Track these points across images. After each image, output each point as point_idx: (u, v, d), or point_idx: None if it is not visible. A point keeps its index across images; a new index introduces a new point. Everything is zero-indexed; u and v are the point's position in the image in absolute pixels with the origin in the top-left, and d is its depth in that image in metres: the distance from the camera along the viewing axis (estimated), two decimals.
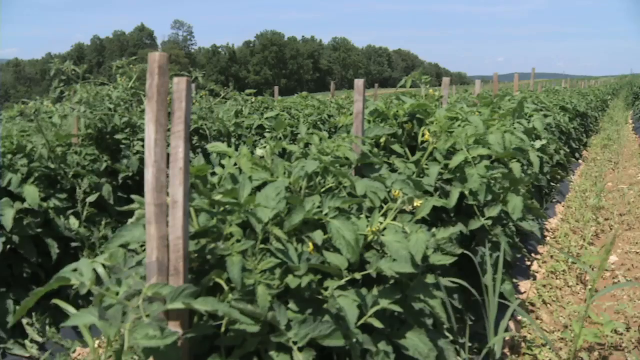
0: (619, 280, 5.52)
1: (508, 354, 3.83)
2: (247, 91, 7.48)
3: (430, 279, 2.30)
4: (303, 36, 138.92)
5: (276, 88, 9.29)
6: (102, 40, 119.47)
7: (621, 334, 4.28)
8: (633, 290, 5.24)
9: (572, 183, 9.70)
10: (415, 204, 2.37)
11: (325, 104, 8.77)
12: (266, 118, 6.93)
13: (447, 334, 2.82)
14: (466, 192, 3.15)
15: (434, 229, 2.46)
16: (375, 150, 3.23)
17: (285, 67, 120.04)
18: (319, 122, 7.54)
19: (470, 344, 3.43)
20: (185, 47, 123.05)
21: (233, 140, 6.42)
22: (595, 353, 4.00)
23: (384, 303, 2.10)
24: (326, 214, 2.18)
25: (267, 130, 6.63)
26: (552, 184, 8.07)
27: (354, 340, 1.97)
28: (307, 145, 3.23)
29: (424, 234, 2.25)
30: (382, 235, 2.24)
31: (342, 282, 2.05)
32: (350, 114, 3.75)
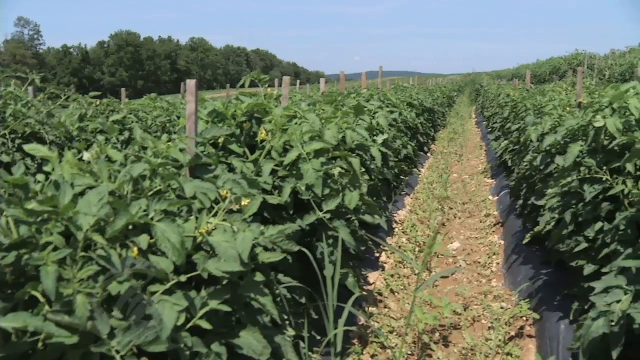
0: (460, 265, 5.89)
1: (357, 343, 3.96)
2: (91, 94, 7.18)
3: (259, 276, 2.32)
4: (160, 36, 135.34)
5: (123, 90, 8.99)
6: None
7: (460, 314, 4.57)
8: (472, 273, 5.61)
9: (420, 175, 10.21)
10: (243, 203, 2.38)
11: (175, 106, 8.61)
12: (112, 121, 6.69)
13: (289, 329, 2.86)
14: (302, 188, 3.21)
15: (262, 227, 2.48)
16: (213, 150, 3.21)
17: (142, 68, 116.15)
18: (167, 124, 7.40)
19: (319, 338, 3.50)
20: (33, 46, 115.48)
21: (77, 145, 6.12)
22: (437, 334, 4.24)
23: (214, 304, 2.09)
24: (152, 218, 2.13)
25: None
26: (401, 177, 8.43)
27: (182, 344, 1.95)
28: (144, 148, 3.15)
29: (251, 232, 2.27)
30: (210, 236, 2.22)
31: (168, 285, 2.01)
32: None
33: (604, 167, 3.61)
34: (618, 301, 2.47)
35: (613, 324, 2.43)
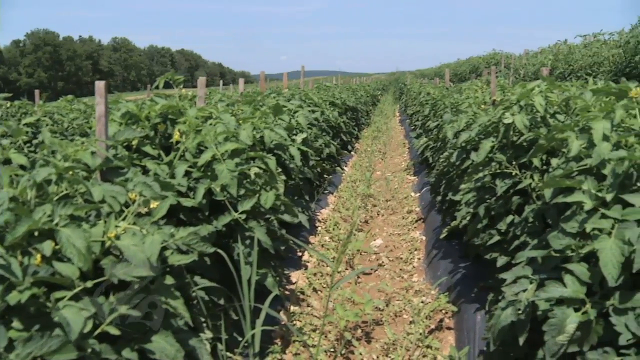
0: (383, 262, 5.97)
1: (279, 343, 3.96)
2: (1, 95, 6.89)
3: (169, 279, 2.28)
4: (80, 36, 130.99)
5: (37, 91, 8.67)
6: None
7: (382, 310, 4.63)
8: (394, 269, 5.70)
9: (344, 174, 10.29)
10: (152, 206, 2.34)
11: (94, 108, 8.36)
12: (25, 124, 6.45)
13: (207, 332, 2.83)
14: (217, 189, 3.18)
15: (173, 229, 2.44)
16: (126, 153, 3.14)
17: (62, 69, 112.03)
18: (86, 127, 7.18)
19: (240, 339, 3.48)
20: None
21: None
22: (359, 331, 4.29)
23: (123, 309, 2.04)
24: (57, 223, 2.06)
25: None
26: (324, 176, 8.48)
27: (90, 350, 1.89)
28: (54, 152, 3.05)
29: (160, 234, 2.23)
30: (119, 240, 2.17)
31: (74, 292, 1.95)
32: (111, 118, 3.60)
33: (514, 162, 3.74)
34: (524, 290, 2.56)
35: (520, 312, 2.52)
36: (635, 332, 1.97)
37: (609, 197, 2.41)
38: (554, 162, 3.24)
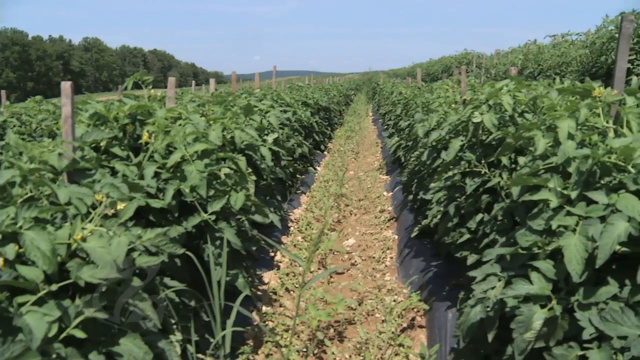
0: (355, 261, 5.98)
1: (251, 343, 3.95)
2: None
3: (137, 281, 2.26)
4: (50, 36, 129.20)
5: (3, 92, 8.53)
6: None
7: (354, 309, 4.64)
8: (366, 268, 5.72)
9: (317, 174, 10.29)
10: (119, 207, 2.32)
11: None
12: None
13: (177, 334, 2.81)
14: (186, 189, 3.16)
15: (140, 231, 2.42)
16: (94, 154, 3.10)
17: (32, 69, 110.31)
18: (54, 128, 7.07)
19: (212, 340, 3.46)
20: None
21: None
22: (332, 330, 4.29)
23: (89, 312, 2.02)
24: (21, 226, 2.03)
25: None
26: (297, 176, 8.47)
27: (55, 355, 1.87)
28: (21, 153, 3.00)
29: (126, 236, 2.21)
30: (85, 242, 2.15)
31: (38, 296, 1.92)
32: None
33: (483, 161, 3.77)
34: (493, 288, 2.58)
35: (489, 309, 2.55)
36: (598, 326, 2.00)
37: (573, 194, 2.45)
38: (522, 160, 3.28)
